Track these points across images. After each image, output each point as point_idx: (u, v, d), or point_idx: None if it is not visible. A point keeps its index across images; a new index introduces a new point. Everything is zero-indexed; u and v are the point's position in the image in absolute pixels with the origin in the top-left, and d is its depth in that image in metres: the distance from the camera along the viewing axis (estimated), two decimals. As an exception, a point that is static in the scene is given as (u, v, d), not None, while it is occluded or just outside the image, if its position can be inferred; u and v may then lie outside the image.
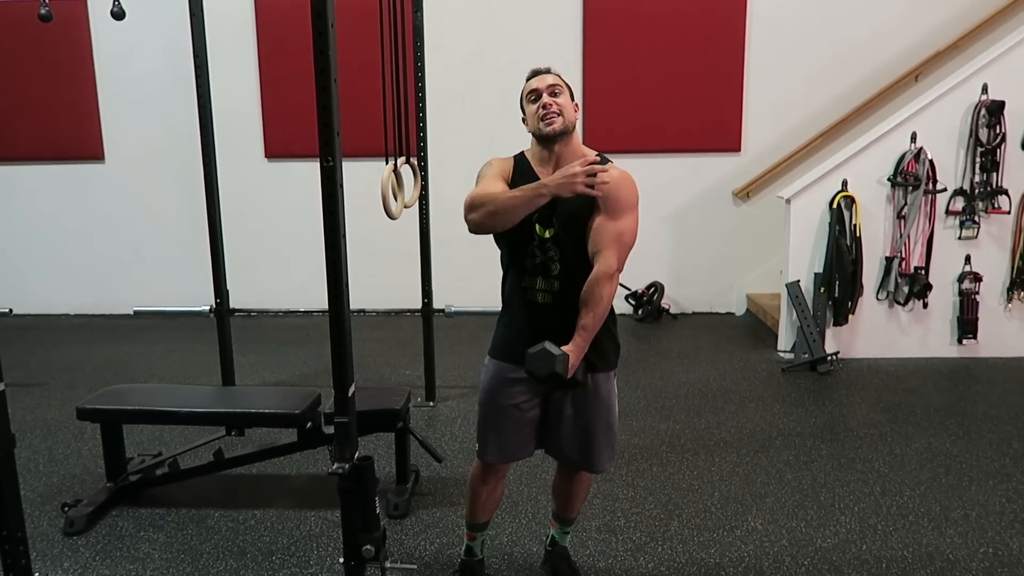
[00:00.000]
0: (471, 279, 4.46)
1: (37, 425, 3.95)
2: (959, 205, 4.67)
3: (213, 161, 3.91)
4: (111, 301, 6.10)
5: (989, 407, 4.07)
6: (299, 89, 4.07)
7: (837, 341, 4.80)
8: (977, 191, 4.62)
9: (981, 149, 4.58)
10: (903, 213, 4.63)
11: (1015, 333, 4.84)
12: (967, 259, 4.73)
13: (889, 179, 4.66)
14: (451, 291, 4.61)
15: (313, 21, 1.84)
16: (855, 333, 4.83)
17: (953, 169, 4.66)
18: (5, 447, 1.75)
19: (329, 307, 2.01)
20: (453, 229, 4.22)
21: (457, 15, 5.61)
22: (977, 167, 4.61)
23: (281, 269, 5.95)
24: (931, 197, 4.63)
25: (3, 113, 5.89)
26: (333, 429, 2.07)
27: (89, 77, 5.84)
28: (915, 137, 4.61)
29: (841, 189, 4.66)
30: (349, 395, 2.05)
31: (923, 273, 4.66)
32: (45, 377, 4.72)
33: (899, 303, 4.76)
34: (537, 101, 2.15)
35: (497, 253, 2.29)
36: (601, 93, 5.65)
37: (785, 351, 4.93)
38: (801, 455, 3.53)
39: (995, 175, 4.59)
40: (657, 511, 3.05)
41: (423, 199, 3.91)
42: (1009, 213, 4.66)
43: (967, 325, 4.76)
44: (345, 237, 1.98)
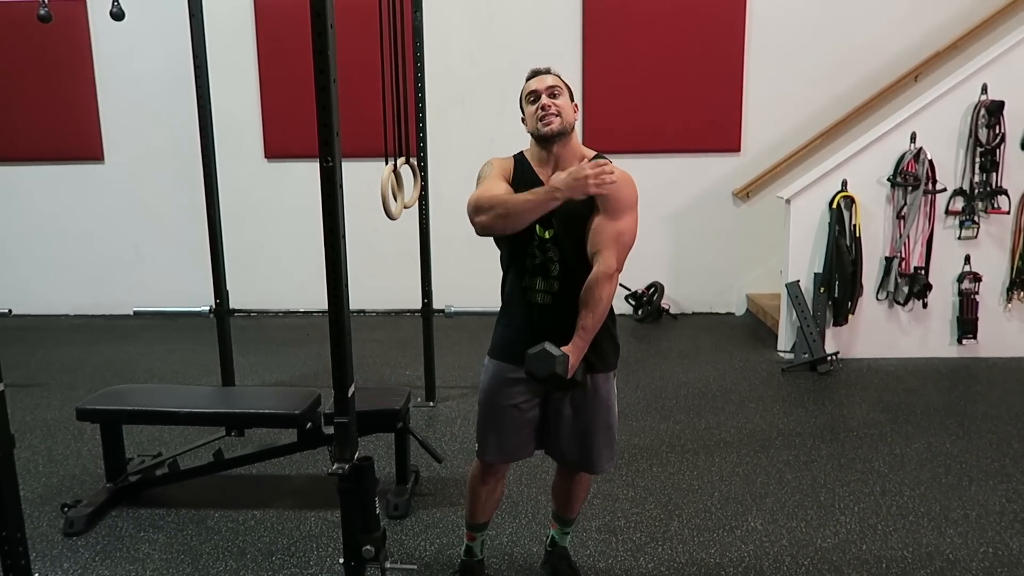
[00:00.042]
0: (471, 279, 4.46)
1: (37, 425, 3.95)
2: (959, 205, 4.67)
3: (213, 161, 3.92)
4: (111, 301, 6.11)
5: (989, 407, 4.07)
6: (299, 89, 4.06)
7: (837, 341, 4.80)
8: (977, 191, 4.62)
9: (981, 149, 4.58)
10: (903, 213, 4.63)
11: (1015, 333, 4.84)
12: (967, 259, 4.73)
13: (889, 179, 4.66)
14: (451, 291, 4.61)
15: (312, 21, 1.84)
16: (855, 333, 4.83)
17: (953, 169, 4.66)
18: (5, 447, 1.75)
19: (329, 307, 2.01)
20: (453, 229, 4.23)
21: (457, 15, 5.61)
22: (977, 167, 4.61)
23: (281, 269, 5.95)
24: (931, 197, 4.63)
25: (3, 113, 5.89)
26: (333, 429, 2.07)
27: (89, 77, 5.84)
28: (915, 137, 4.61)
29: (841, 189, 4.66)
30: (349, 395, 2.05)
31: (923, 273, 4.66)
32: (45, 377, 4.72)
33: (899, 303, 4.76)
34: (536, 102, 2.15)
35: (497, 253, 2.30)
36: (601, 93, 5.65)
37: (785, 351, 4.93)
38: (801, 455, 3.53)
39: (995, 175, 4.59)
40: (657, 511, 3.05)
41: (423, 199, 3.91)
42: (1009, 213, 4.66)
43: (967, 325, 4.76)
44: (345, 237, 1.98)
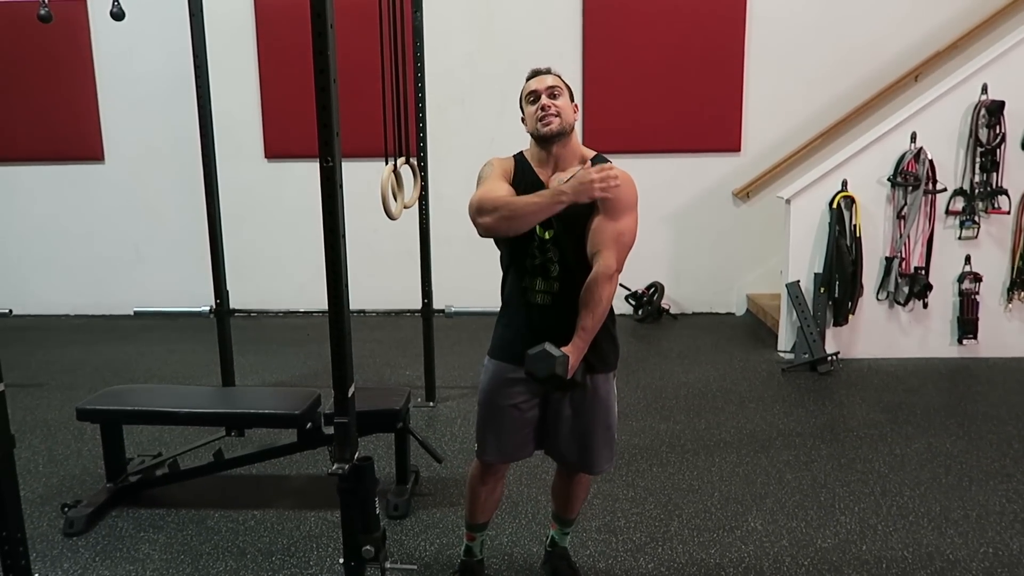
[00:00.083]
0: (471, 279, 4.46)
1: (37, 426, 3.95)
2: (959, 205, 4.67)
3: (213, 161, 3.92)
4: (111, 301, 6.11)
5: (989, 407, 4.07)
6: (299, 89, 4.07)
7: (837, 341, 4.80)
8: (977, 191, 4.62)
9: (981, 149, 4.58)
10: (903, 213, 4.63)
11: (1015, 333, 4.84)
12: (967, 259, 4.73)
13: (889, 179, 4.66)
14: (451, 291, 4.61)
15: (312, 21, 1.84)
16: (855, 333, 4.83)
17: (953, 169, 4.66)
18: (5, 447, 1.75)
19: (329, 307, 2.00)
20: (453, 229, 4.24)
21: (457, 15, 5.61)
22: (977, 167, 4.61)
23: (281, 269, 5.95)
24: (931, 197, 4.63)
25: (3, 113, 5.89)
26: (333, 430, 2.07)
27: (89, 77, 5.84)
28: (915, 137, 4.61)
29: (841, 189, 4.66)
30: (349, 395, 2.05)
31: (923, 273, 4.66)
32: (45, 377, 4.72)
33: (899, 303, 4.76)
34: (536, 102, 2.15)
35: (497, 253, 2.30)
36: (601, 93, 5.65)
37: (785, 351, 4.93)
38: (801, 455, 3.53)
39: (995, 175, 4.59)
40: (657, 511, 3.05)
41: (423, 199, 3.91)
42: (1009, 213, 4.66)
43: (967, 325, 4.76)
44: (345, 237, 1.98)
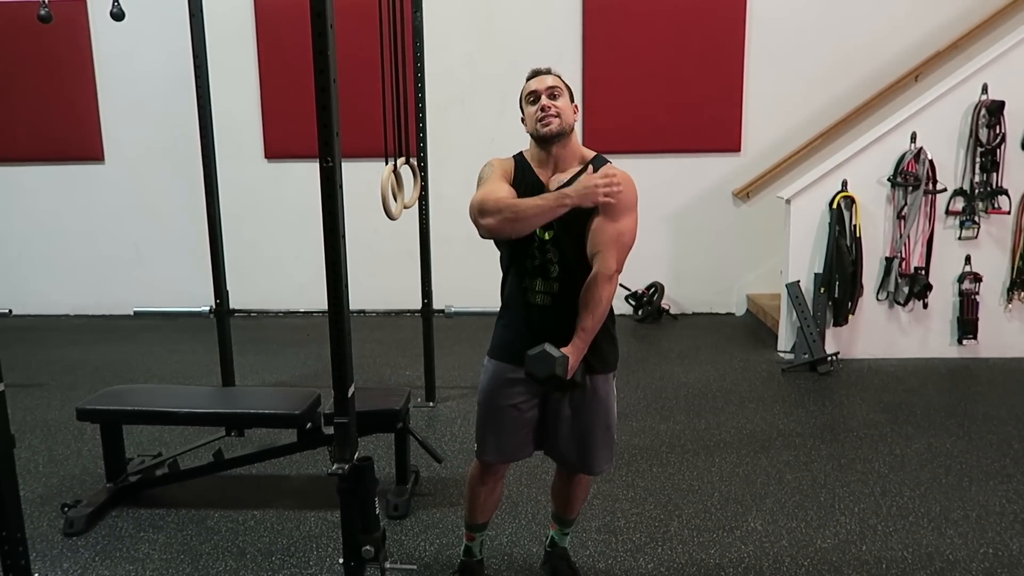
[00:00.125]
0: (471, 279, 4.46)
1: (37, 426, 3.95)
2: (959, 205, 4.67)
3: (213, 162, 3.92)
4: (111, 301, 6.11)
5: (989, 408, 4.07)
6: (299, 89, 4.07)
7: (837, 341, 4.80)
8: (977, 191, 4.62)
9: (981, 149, 4.58)
10: (903, 213, 4.63)
11: (1015, 333, 4.84)
12: (967, 259, 4.73)
13: (889, 179, 4.66)
14: (451, 291, 4.61)
15: (312, 21, 1.85)
16: (855, 333, 4.83)
17: (953, 169, 4.66)
18: (5, 447, 1.74)
19: (329, 308, 2.01)
20: (453, 229, 4.24)
21: (457, 15, 5.61)
22: (977, 167, 4.61)
23: (281, 270, 5.95)
24: (931, 197, 4.63)
25: (3, 113, 5.89)
26: (333, 430, 2.07)
27: (89, 77, 5.84)
28: (915, 137, 4.61)
29: (841, 189, 4.66)
30: (349, 396, 2.05)
31: (923, 273, 4.66)
32: (45, 377, 4.72)
33: (899, 303, 4.76)
34: (536, 103, 2.15)
35: (497, 254, 2.30)
36: (601, 93, 5.65)
37: (785, 351, 4.93)
38: (801, 456, 3.53)
39: (995, 175, 4.59)
40: (657, 512, 3.05)
41: (423, 199, 3.91)
42: (1009, 213, 4.65)
43: (967, 325, 4.76)
44: (345, 237, 1.98)
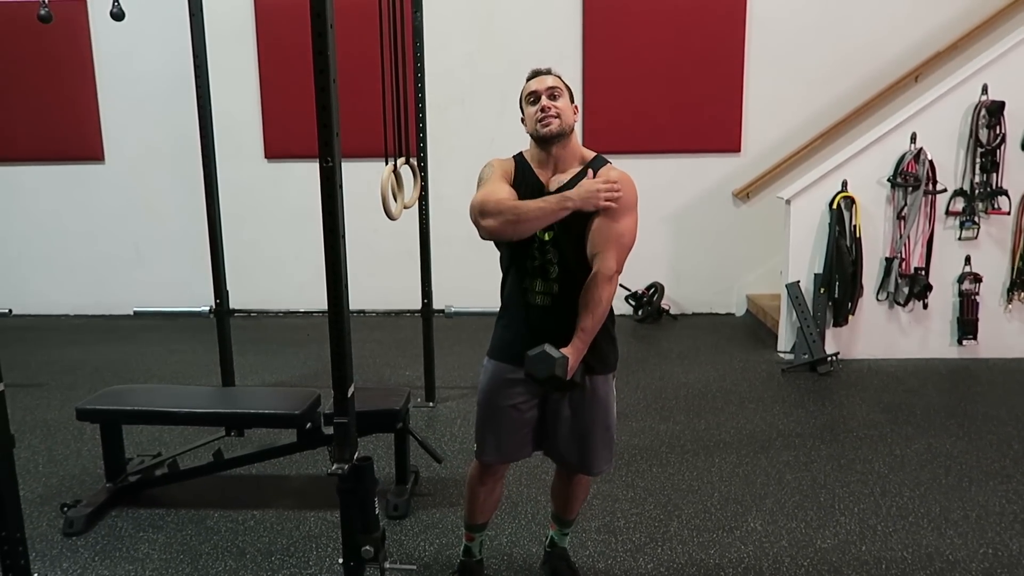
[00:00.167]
0: (471, 279, 4.46)
1: (37, 425, 3.95)
2: (959, 206, 4.67)
3: (213, 161, 3.92)
4: (111, 301, 6.10)
5: (989, 408, 4.07)
6: (299, 89, 4.07)
7: (837, 342, 4.80)
8: (977, 192, 4.62)
9: (981, 150, 4.58)
10: (903, 214, 4.63)
11: (1015, 334, 4.84)
12: (967, 260, 4.73)
13: (889, 180, 4.66)
14: (451, 291, 4.61)
15: (312, 21, 1.85)
16: (855, 334, 4.83)
17: (953, 170, 4.66)
18: (4, 447, 1.74)
19: (328, 308, 2.01)
20: (453, 229, 4.24)
21: (457, 15, 5.61)
22: (977, 168, 4.61)
23: (281, 270, 5.95)
24: (931, 198, 4.63)
25: (3, 113, 5.89)
26: (332, 430, 2.07)
27: (89, 77, 5.84)
28: (915, 138, 4.61)
29: (841, 190, 4.66)
30: (348, 396, 2.05)
31: (923, 274, 4.66)
32: (45, 377, 4.72)
33: (899, 304, 4.76)
34: (536, 103, 2.15)
35: (497, 254, 2.30)
36: (601, 93, 5.65)
37: (785, 352, 4.93)
38: (801, 456, 3.53)
39: (995, 176, 4.59)
40: (657, 512, 3.05)
41: (423, 200, 3.91)
42: (1009, 214, 4.66)
43: (967, 326, 4.76)
44: (345, 238, 1.98)
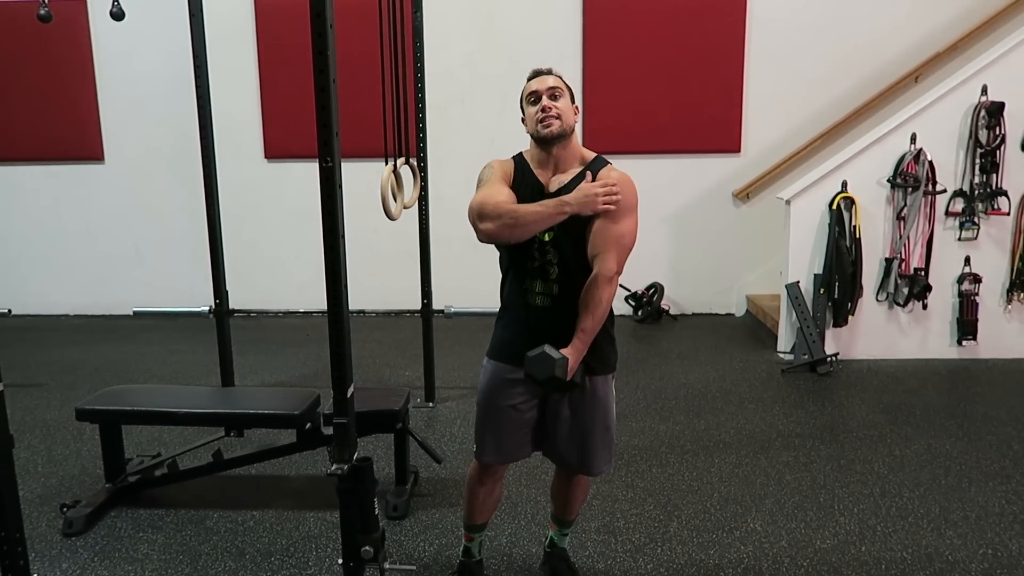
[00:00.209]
0: (471, 279, 4.46)
1: (36, 426, 3.95)
2: (959, 206, 4.67)
3: (213, 162, 3.92)
4: (111, 301, 6.10)
5: (989, 408, 4.07)
6: (299, 89, 4.07)
7: (837, 342, 4.80)
8: (977, 192, 4.62)
9: (981, 150, 4.58)
10: (903, 214, 4.63)
11: (1015, 334, 4.84)
12: (967, 260, 4.73)
13: (889, 180, 4.66)
14: (451, 291, 4.61)
15: (312, 21, 1.85)
16: (855, 334, 4.83)
17: (953, 170, 4.66)
18: (4, 447, 1.74)
19: (328, 308, 2.00)
20: (453, 229, 4.23)
21: (457, 15, 5.61)
22: (977, 168, 4.61)
23: (280, 270, 5.95)
24: (931, 198, 4.63)
25: (3, 113, 5.89)
26: (332, 430, 2.07)
27: (89, 77, 5.84)
28: (915, 138, 4.61)
29: (841, 190, 4.66)
30: (348, 396, 2.05)
31: (923, 274, 4.66)
32: (44, 377, 4.72)
33: (899, 304, 4.76)
34: (537, 103, 2.15)
35: (496, 254, 2.29)
36: (601, 93, 5.65)
37: (785, 352, 4.93)
38: (800, 456, 3.53)
39: (995, 176, 4.59)
40: (656, 512, 3.05)
41: (423, 200, 3.91)
42: (1009, 214, 4.66)
43: (967, 326, 4.76)
44: (344, 238, 1.98)
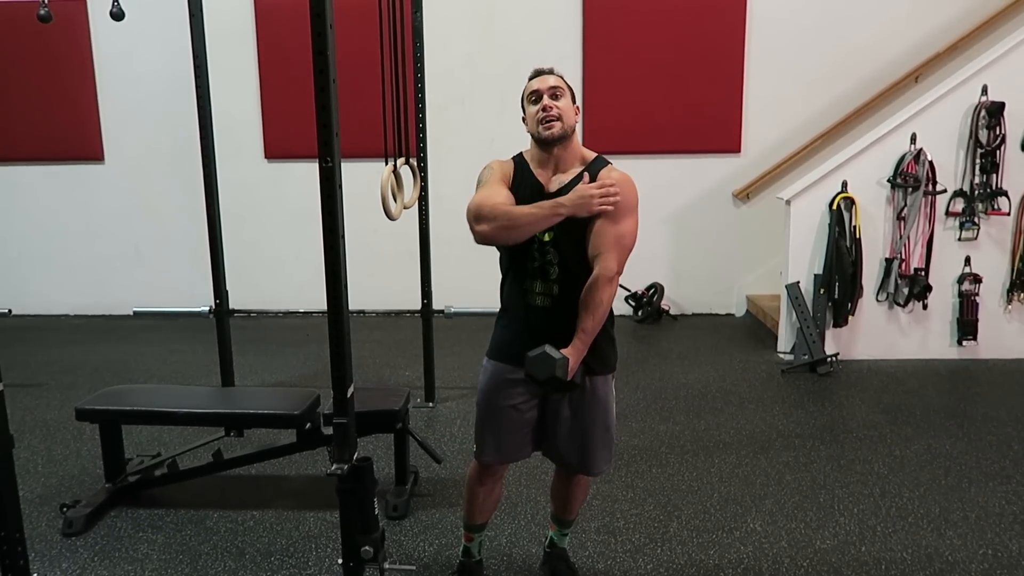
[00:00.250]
0: (471, 280, 4.46)
1: (36, 426, 3.95)
2: (959, 206, 4.67)
3: (213, 162, 3.92)
4: (111, 301, 6.10)
5: (989, 409, 4.07)
6: (299, 89, 4.07)
7: (837, 342, 4.79)
8: (977, 192, 4.62)
9: (981, 150, 4.58)
10: (903, 214, 4.63)
11: (1015, 335, 4.84)
12: (967, 260, 4.73)
13: (889, 180, 4.66)
14: (451, 292, 4.61)
15: (312, 21, 1.85)
16: (855, 334, 4.82)
17: (953, 170, 4.66)
18: (4, 447, 1.74)
19: (328, 308, 2.00)
20: (453, 229, 4.22)
21: (457, 15, 5.61)
22: (977, 168, 4.61)
23: (280, 270, 5.95)
24: (931, 198, 4.63)
25: (3, 113, 5.89)
26: (332, 430, 2.07)
27: (89, 77, 5.84)
28: (915, 138, 4.61)
29: (841, 190, 4.66)
30: (348, 396, 2.05)
31: (923, 274, 4.66)
32: (44, 377, 4.72)
33: (899, 304, 4.76)
34: (538, 102, 2.15)
35: (496, 254, 2.29)
36: (601, 93, 5.65)
37: (785, 352, 4.93)
38: (800, 456, 3.53)
39: (995, 176, 4.59)
40: (656, 512, 3.05)
41: (423, 200, 3.91)
42: (1009, 215, 4.66)
43: (967, 327, 4.76)
44: (344, 238, 1.98)
